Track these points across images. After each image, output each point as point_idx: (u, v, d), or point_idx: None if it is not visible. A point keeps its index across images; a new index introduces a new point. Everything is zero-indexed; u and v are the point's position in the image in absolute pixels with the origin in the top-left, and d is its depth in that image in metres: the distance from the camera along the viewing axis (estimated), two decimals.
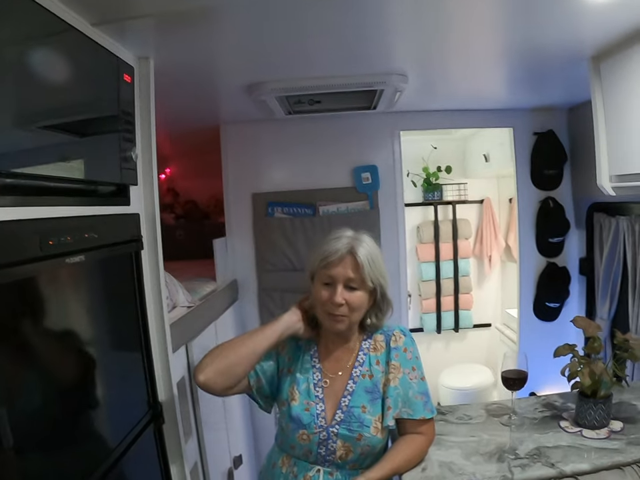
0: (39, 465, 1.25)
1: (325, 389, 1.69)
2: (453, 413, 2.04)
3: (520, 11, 1.68)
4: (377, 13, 1.67)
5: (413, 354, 1.72)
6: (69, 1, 1.38)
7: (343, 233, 1.71)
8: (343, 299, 1.61)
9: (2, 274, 1.11)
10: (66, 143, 1.38)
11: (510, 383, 1.93)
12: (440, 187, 4.55)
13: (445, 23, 1.79)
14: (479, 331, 4.63)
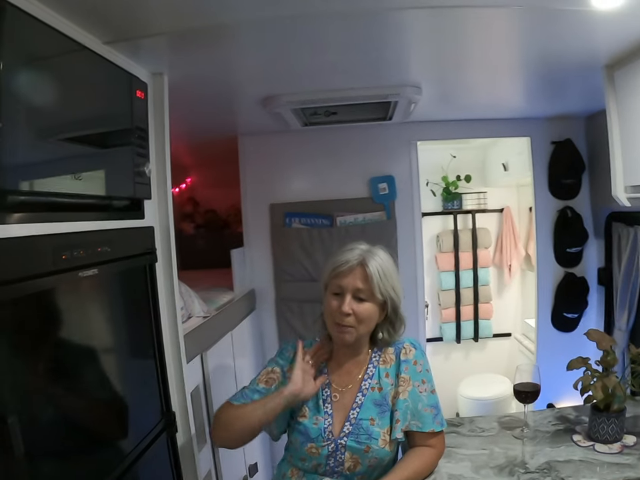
0: (56, 468, 1.30)
1: (335, 403, 1.70)
2: (465, 425, 2.04)
3: (536, 23, 1.69)
4: (394, 28, 1.69)
5: (423, 367, 1.72)
6: (81, 21, 1.42)
7: (357, 245, 1.73)
8: (350, 309, 1.62)
9: (17, 288, 1.15)
10: (79, 159, 1.41)
11: (522, 396, 1.92)
12: (459, 196, 4.53)
13: (463, 36, 1.81)
14: (499, 340, 4.59)
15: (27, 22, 1.18)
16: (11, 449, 1.07)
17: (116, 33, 1.55)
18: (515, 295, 4.63)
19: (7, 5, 1.10)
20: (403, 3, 1.49)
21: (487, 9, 1.56)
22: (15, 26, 1.12)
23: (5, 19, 1.08)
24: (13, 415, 1.08)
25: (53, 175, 1.30)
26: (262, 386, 1.72)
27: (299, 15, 1.55)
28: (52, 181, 1.31)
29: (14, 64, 1.12)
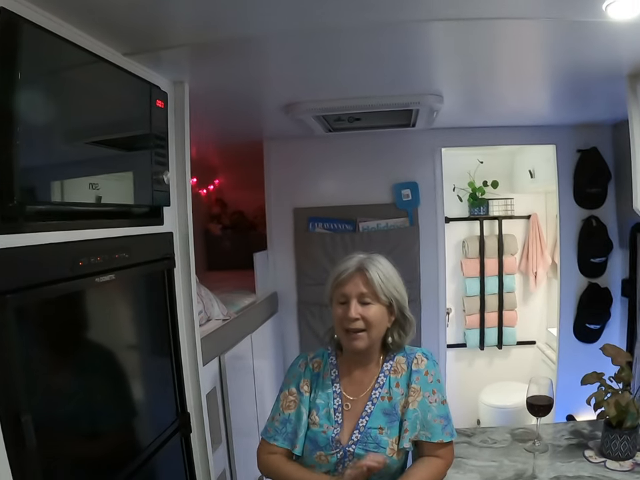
0: (76, 458, 1.39)
1: (346, 412, 1.71)
2: (477, 435, 2.04)
3: (560, 34, 1.69)
4: (421, 39, 1.71)
5: (434, 377, 1.73)
6: (100, 35, 1.47)
7: (354, 254, 1.75)
8: (357, 314, 1.64)
9: (34, 293, 1.21)
10: (97, 169, 1.46)
11: (535, 409, 1.91)
12: (486, 202, 4.50)
13: (490, 46, 1.81)
14: (523, 348, 4.54)
15: (43, 37, 1.23)
16: (33, 440, 1.15)
17: (136, 45, 1.59)
18: (540, 303, 4.58)
19: (23, 22, 1.15)
20: (430, 15, 1.49)
21: (512, 21, 1.56)
22: (31, 41, 1.17)
23: (21, 35, 1.13)
24: (36, 409, 1.18)
25: (70, 185, 1.36)
26: (287, 413, 1.73)
27: (324, 29, 1.57)
28: (69, 191, 1.36)
29: (30, 78, 1.17)
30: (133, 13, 1.40)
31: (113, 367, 1.61)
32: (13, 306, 1.14)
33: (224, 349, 2.43)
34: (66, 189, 1.35)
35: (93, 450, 1.47)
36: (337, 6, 1.39)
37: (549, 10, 1.51)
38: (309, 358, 1.81)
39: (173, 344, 1.91)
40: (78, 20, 1.36)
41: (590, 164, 3.21)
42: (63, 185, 1.34)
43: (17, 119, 1.14)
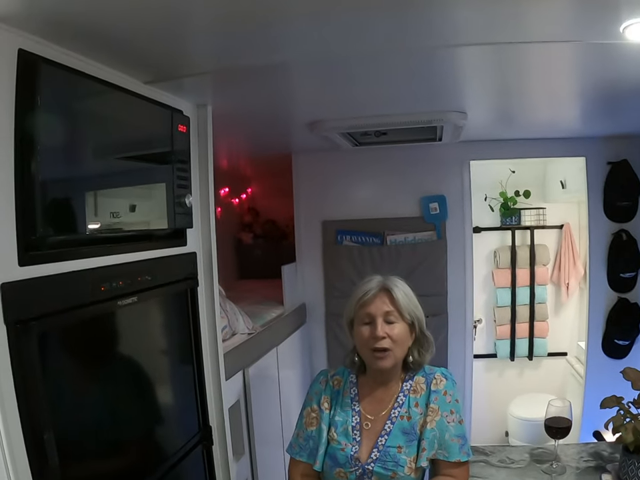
0: (102, 465, 1.47)
1: (365, 430, 1.75)
2: (495, 454, 2.04)
3: (590, 55, 1.68)
4: (451, 62, 1.73)
5: (453, 397, 1.75)
6: (120, 66, 1.52)
7: (374, 277, 1.80)
8: (384, 332, 1.68)
9: (56, 319, 1.29)
10: (118, 196, 1.52)
11: (553, 431, 1.91)
12: (518, 212, 4.46)
13: (520, 68, 1.81)
14: (554, 359, 4.48)
15: (61, 74, 1.29)
16: (55, 456, 1.23)
17: (157, 74, 1.64)
18: (572, 314, 4.51)
19: (41, 62, 1.22)
20: (460, 41, 1.51)
21: (538, 44, 1.57)
22: (50, 79, 1.23)
23: (40, 74, 1.19)
24: (60, 427, 1.27)
25: (91, 215, 1.41)
26: (310, 430, 1.79)
27: (352, 55, 1.59)
28: (91, 221, 1.40)
29: (50, 114, 1.23)
30: (153, 46, 1.44)
31: (137, 383, 1.68)
32: (35, 332, 1.21)
33: (248, 363, 2.49)
34: (87, 219, 1.40)
35: (114, 464, 1.54)
36: (366, 34, 1.40)
37: (570, 34, 1.50)
38: (330, 375, 1.86)
39: (195, 360, 1.96)
40: (98, 54, 1.42)
41: (620, 176, 3.16)
42: (85, 216, 1.39)
43: (39, 155, 1.20)
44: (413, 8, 1.22)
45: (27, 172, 1.20)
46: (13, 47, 1.18)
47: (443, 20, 1.32)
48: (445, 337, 3.41)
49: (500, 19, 1.31)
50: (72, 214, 1.36)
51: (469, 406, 3.51)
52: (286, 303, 3.29)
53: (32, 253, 1.24)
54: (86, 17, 1.21)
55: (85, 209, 1.39)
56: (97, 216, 1.44)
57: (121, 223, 1.53)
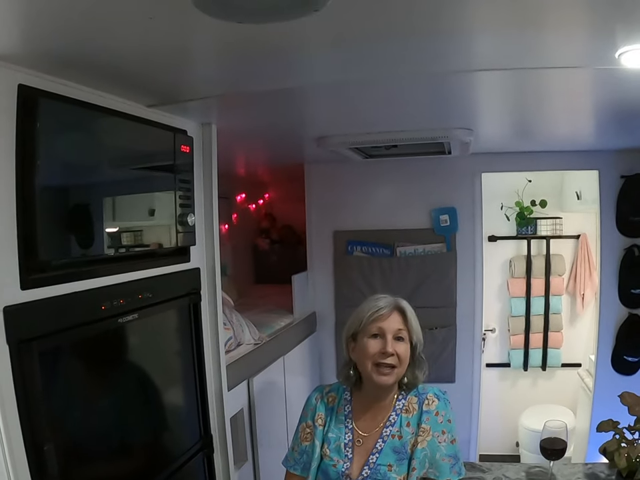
0: (103, 473, 1.54)
1: (357, 447, 1.78)
2: (491, 472, 2.06)
3: (603, 79, 1.68)
4: (464, 86, 1.73)
5: (445, 417, 1.77)
6: (122, 92, 1.55)
7: (380, 295, 1.84)
8: (393, 350, 1.72)
9: (57, 338, 1.34)
10: (121, 220, 1.57)
11: (548, 452, 1.92)
12: (534, 221, 4.44)
13: (533, 92, 1.81)
14: (567, 370, 4.44)
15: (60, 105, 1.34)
16: (55, 466, 1.29)
17: (160, 98, 1.67)
18: (587, 325, 4.46)
19: (40, 95, 1.27)
20: (477, 65, 1.50)
21: (558, 70, 1.56)
22: (49, 112, 1.28)
23: (39, 108, 1.24)
24: (61, 437, 1.34)
25: (93, 238, 1.46)
26: (305, 445, 1.84)
27: (363, 80, 1.60)
28: (92, 244, 1.46)
29: (50, 144, 1.29)
30: (156, 74, 1.46)
31: (138, 395, 1.74)
32: (37, 351, 1.27)
33: (253, 373, 2.54)
34: (89, 242, 1.45)
35: (115, 472, 1.60)
36: (383, 60, 1.40)
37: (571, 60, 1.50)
38: (325, 392, 1.90)
39: (198, 371, 2.00)
40: (99, 84, 1.45)
41: (634, 191, 3.12)
42: (87, 239, 1.44)
43: (39, 183, 1.25)
44: (433, 34, 1.23)
45: (28, 200, 1.25)
46: (12, 83, 1.22)
47: (462, 46, 1.32)
48: (453, 348, 3.41)
49: (514, 46, 1.32)
50: (74, 238, 1.41)
51: (476, 418, 3.51)
52: (295, 312, 3.33)
53: (34, 277, 1.29)
54: (86, 53, 1.24)
55: (86, 232, 1.44)
56: (99, 238, 1.49)
57: (123, 244, 1.58)
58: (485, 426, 4.04)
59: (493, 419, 4.39)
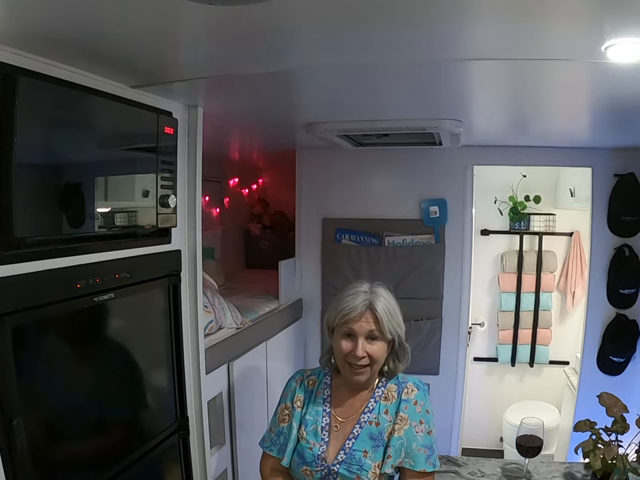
0: (76, 448, 1.54)
1: (334, 432, 1.78)
2: (467, 466, 2.05)
3: (599, 72, 1.64)
4: (457, 74, 1.69)
5: (423, 407, 1.77)
6: (106, 72, 1.53)
7: (359, 288, 1.80)
8: (364, 352, 1.72)
9: (30, 314, 1.34)
10: (99, 199, 1.54)
11: (524, 449, 1.91)
12: (527, 217, 4.42)
13: (528, 83, 1.78)
14: (555, 368, 4.43)
15: (40, 84, 1.32)
16: (24, 441, 1.29)
17: (145, 79, 1.64)
18: (576, 323, 4.42)
19: (20, 73, 1.25)
20: (473, 54, 1.47)
21: (547, 62, 1.53)
22: (28, 90, 1.26)
23: (18, 86, 1.22)
24: (32, 414, 1.35)
25: (70, 217, 1.44)
26: (282, 425, 1.84)
27: (359, 65, 1.56)
28: (70, 222, 1.45)
29: (29, 123, 1.27)
30: (140, 54, 1.43)
31: (113, 373, 1.72)
32: (9, 325, 1.27)
33: (233, 357, 2.53)
34: (66, 220, 1.44)
35: (87, 448, 1.59)
36: (378, 46, 1.37)
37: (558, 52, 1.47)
38: (306, 375, 1.91)
39: (175, 353, 1.99)
40: (81, 63, 1.43)
41: (626, 190, 3.09)
42: (64, 217, 1.43)
43: (15, 159, 1.23)
44: (431, 21, 1.20)
45: (4, 177, 1.23)
46: None
47: (458, 34, 1.29)
48: (438, 340, 3.40)
49: (504, 35, 1.29)
50: (50, 216, 1.40)
51: (459, 411, 3.50)
52: (281, 298, 3.32)
53: (8, 253, 1.28)
54: (68, 32, 1.22)
55: (64, 211, 1.43)
56: (76, 217, 1.47)
57: (101, 223, 1.55)
58: (470, 420, 4.04)
59: (479, 413, 4.40)
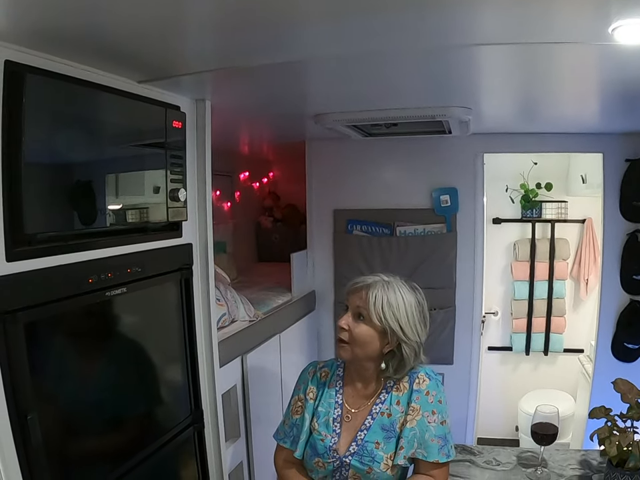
0: (91, 442, 1.56)
1: (345, 423, 1.78)
2: (482, 455, 2.05)
3: (608, 55, 1.61)
4: (466, 61, 1.67)
5: (435, 398, 1.75)
6: (112, 68, 1.53)
7: (380, 274, 1.81)
8: (346, 324, 1.73)
9: (41, 310, 1.35)
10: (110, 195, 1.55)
11: (539, 437, 1.90)
12: (539, 204, 4.39)
13: (537, 67, 1.75)
14: (569, 356, 4.41)
15: (47, 81, 1.33)
16: (38, 435, 1.31)
17: (152, 74, 1.64)
18: (590, 311, 4.40)
19: (27, 71, 1.25)
20: (475, 39, 1.45)
21: (561, 45, 1.51)
22: (36, 87, 1.27)
23: (26, 83, 1.23)
24: (47, 408, 1.37)
25: (81, 213, 1.45)
26: (295, 417, 1.85)
27: (367, 53, 1.54)
28: (80, 218, 1.46)
29: (37, 120, 1.28)
30: (146, 48, 1.43)
31: (127, 367, 1.74)
32: (22, 322, 1.28)
33: (247, 349, 2.54)
34: (76, 216, 1.45)
35: (102, 442, 1.61)
36: (385, 33, 1.35)
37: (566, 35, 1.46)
38: (318, 367, 1.91)
39: (189, 347, 2.00)
40: (88, 59, 1.43)
41: (638, 175, 3.05)
42: (73, 213, 1.44)
43: (26, 157, 1.25)
44: (438, 7, 1.18)
45: (14, 174, 1.25)
46: None
47: (465, 19, 1.27)
48: (451, 330, 3.39)
49: (511, 18, 1.27)
50: (61, 212, 1.41)
51: (474, 401, 3.49)
52: (294, 290, 3.32)
53: (19, 249, 1.29)
54: (74, 27, 1.22)
55: (74, 206, 1.44)
56: (87, 212, 1.48)
57: (112, 218, 1.56)
58: (485, 410, 4.04)
59: (494, 402, 4.39)
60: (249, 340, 2.58)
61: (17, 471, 1.27)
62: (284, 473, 1.85)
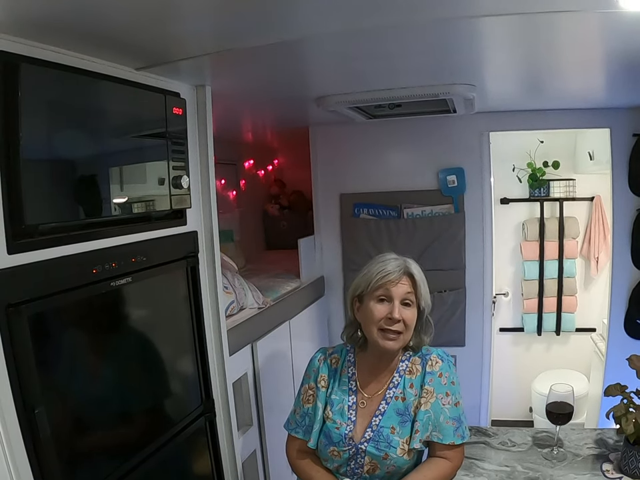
0: (101, 435, 1.55)
1: (360, 409, 1.77)
2: (497, 436, 2.03)
3: (613, 23, 1.56)
4: (469, 34, 1.63)
5: (449, 379, 1.75)
6: (109, 56, 1.51)
7: (388, 257, 1.79)
8: (400, 316, 1.69)
9: (45, 302, 1.33)
10: (111, 183, 1.52)
11: (554, 417, 1.88)
12: (546, 183, 4.33)
13: (541, 39, 1.71)
14: (582, 335, 4.37)
15: (43, 70, 1.31)
16: (46, 429, 1.30)
17: (149, 60, 1.61)
18: (601, 289, 4.36)
19: (22, 61, 1.23)
20: (482, 10, 1.40)
21: (564, 14, 1.47)
22: (31, 77, 1.24)
23: (21, 74, 1.21)
24: (56, 401, 1.37)
25: (82, 203, 1.43)
26: (307, 406, 1.83)
27: (369, 29, 1.50)
28: (82, 208, 1.44)
29: (34, 111, 1.26)
30: (143, 33, 1.40)
31: (135, 358, 1.72)
32: (26, 314, 1.27)
33: (257, 337, 2.52)
34: (78, 206, 1.43)
35: (113, 434, 1.60)
36: (383, 7, 1.32)
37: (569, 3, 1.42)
38: (328, 353, 1.88)
39: (197, 335, 1.99)
40: (83, 47, 1.41)
41: None
42: (75, 204, 1.42)
43: (23, 149, 1.23)
44: None
45: (12, 165, 1.23)
46: None
47: None
48: (462, 311, 3.36)
49: None
50: (62, 202, 1.39)
51: (487, 382, 3.47)
52: (302, 276, 3.30)
53: (21, 241, 1.28)
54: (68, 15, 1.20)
55: (75, 197, 1.42)
56: (88, 203, 1.46)
57: (114, 207, 1.54)
58: (498, 391, 4.02)
59: (507, 384, 4.37)
60: (259, 327, 2.56)
61: (26, 466, 1.26)
62: (298, 464, 1.84)
